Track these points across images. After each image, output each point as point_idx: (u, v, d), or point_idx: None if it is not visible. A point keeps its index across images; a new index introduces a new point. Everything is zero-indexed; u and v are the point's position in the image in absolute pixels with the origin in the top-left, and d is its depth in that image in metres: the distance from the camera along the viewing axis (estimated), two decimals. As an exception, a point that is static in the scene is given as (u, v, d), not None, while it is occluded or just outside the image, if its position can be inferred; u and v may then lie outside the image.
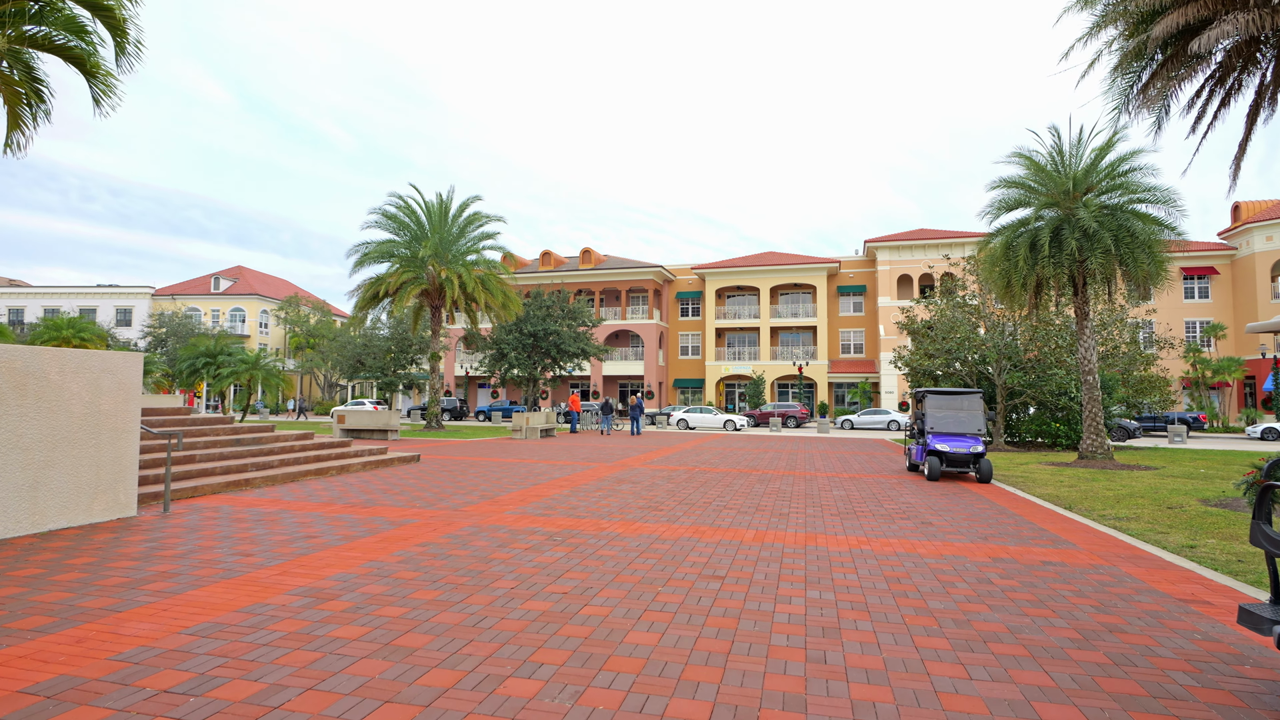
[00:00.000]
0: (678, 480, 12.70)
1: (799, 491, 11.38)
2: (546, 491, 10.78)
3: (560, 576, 5.63)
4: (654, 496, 10.45)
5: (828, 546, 7.03)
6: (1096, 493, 11.70)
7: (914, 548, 7.06)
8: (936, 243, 50.48)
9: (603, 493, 10.76)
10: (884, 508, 9.75)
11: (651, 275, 55.12)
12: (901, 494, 11.27)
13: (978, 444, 13.32)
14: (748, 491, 11.25)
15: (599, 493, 10.75)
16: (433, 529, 7.52)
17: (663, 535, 7.45)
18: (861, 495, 11.04)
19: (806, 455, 19.42)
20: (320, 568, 5.76)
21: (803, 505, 9.85)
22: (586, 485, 11.68)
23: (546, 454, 18.30)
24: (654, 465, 15.62)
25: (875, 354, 52.69)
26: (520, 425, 25.83)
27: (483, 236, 29.74)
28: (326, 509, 8.72)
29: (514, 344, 35.84)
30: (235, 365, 24.52)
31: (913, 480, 13.36)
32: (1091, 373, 16.51)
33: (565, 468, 14.65)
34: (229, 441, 11.70)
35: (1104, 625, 4.65)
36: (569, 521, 8.14)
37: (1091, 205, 15.37)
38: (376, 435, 23.76)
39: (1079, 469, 15.34)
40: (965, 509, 9.77)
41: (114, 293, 74.16)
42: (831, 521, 8.53)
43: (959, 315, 23.40)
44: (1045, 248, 15.31)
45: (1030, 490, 12.09)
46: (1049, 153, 16.77)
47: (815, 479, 13.32)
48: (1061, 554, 6.88)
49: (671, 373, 58.01)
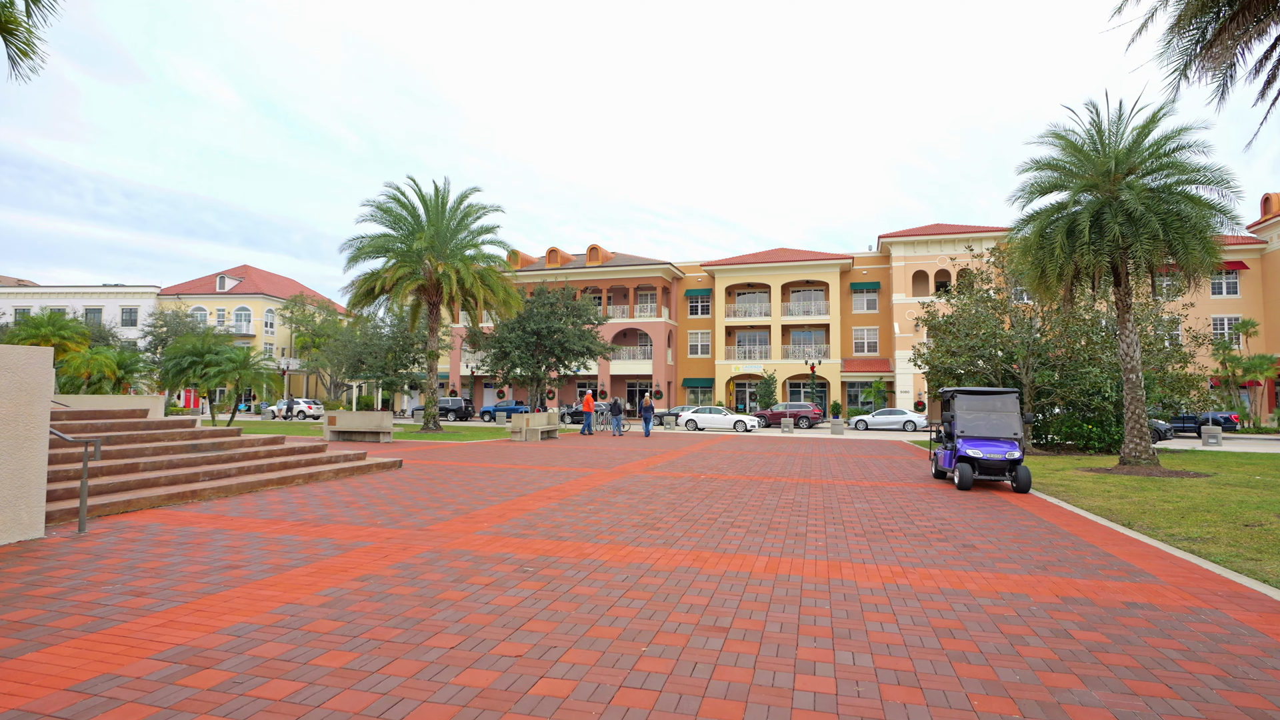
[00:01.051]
0: (681, 490, 11.47)
1: (816, 504, 10.13)
2: (531, 504, 9.58)
3: (518, 629, 4.42)
4: (652, 511, 9.23)
5: (855, 580, 5.79)
6: (1152, 505, 10.37)
7: (960, 581, 5.80)
8: (953, 238, 48.96)
9: (594, 506, 9.55)
10: (915, 525, 8.49)
11: (660, 273, 53.89)
12: (932, 507, 9.99)
13: (1014, 449, 12.02)
14: (759, 504, 10.01)
15: (590, 506, 9.54)
16: (383, 555, 6.33)
17: (657, 564, 6.23)
18: (887, 509, 9.77)
19: (822, 459, 18.14)
20: (220, 614, 4.58)
21: (821, 522, 8.60)
22: (578, 496, 10.47)
23: (542, 459, 17.12)
24: (656, 472, 14.40)
25: (890, 352, 51.22)
26: (520, 427, 24.67)
27: (482, 230, 28.59)
28: (271, 527, 7.55)
29: (516, 342, 34.70)
30: (223, 365, 23.48)
31: (941, 489, 12.07)
32: (1135, 370, 15.12)
33: (559, 475, 13.45)
34: (184, 448, 10.58)
35: (1245, 712, 3.39)
36: (547, 545, 6.93)
37: (1136, 187, 14.00)
38: (369, 438, 22.68)
39: (1123, 476, 13.98)
40: (1009, 526, 8.49)
41: (119, 292, 73.95)
42: (857, 543, 7.28)
43: (983, 310, 22.02)
44: (1085, 233, 13.93)
45: (1076, 502, 10.78)
46: (1086, 131, 15.38)
47: (833, 488, 12.06)
48: (1143, 591, 5.61)
49: (680, 372, 56.74)
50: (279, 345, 73.50)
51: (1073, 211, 15.01)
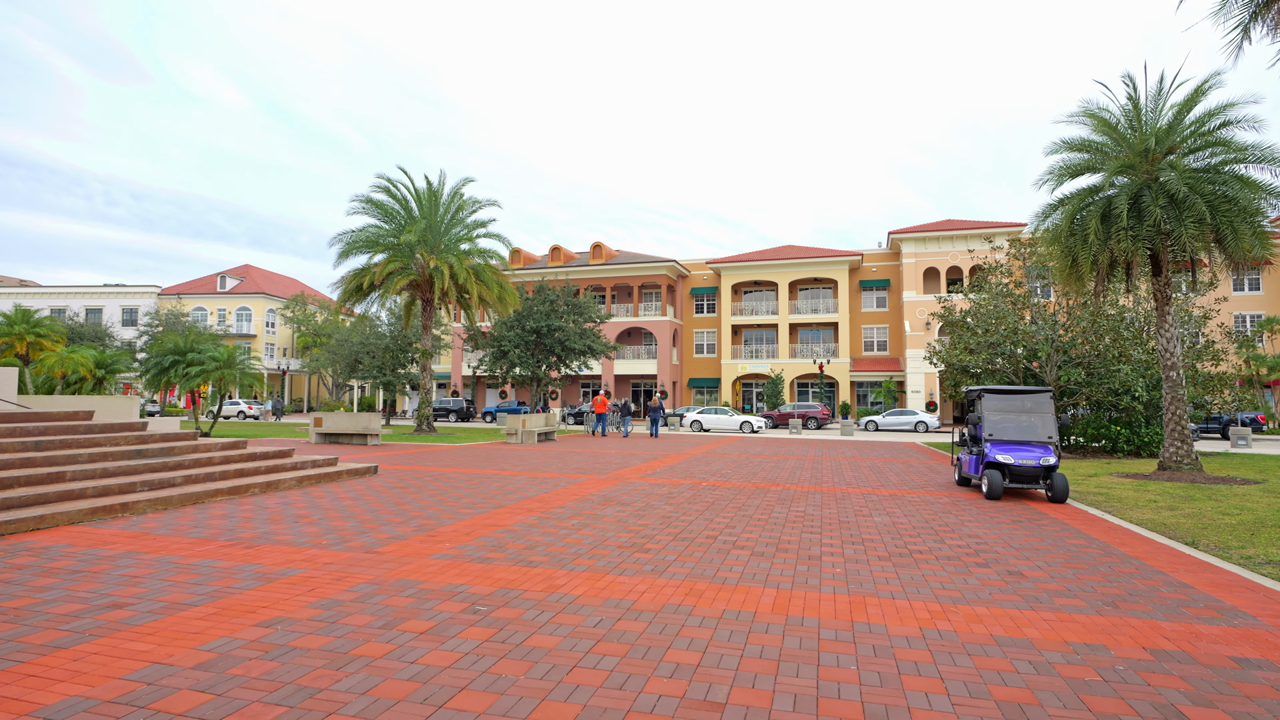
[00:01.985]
0: (679, 500, 10.34)
1: (830, 517, 8.98)
2: (507, 519, 8.47)
3: (443, 705, 3.31)
4: (643, 526, 8.10)
5: (886, 623, 4.65)
6: (1210, 519, 9.18)
7: (1017, 624, 4.66)
8: (965, 233, 47.66)
9: (579, 520, 8.43)
10: (946, 545, 7.34)
11: (665, 270, 52.76)
12: (962, 520, 8.84)
13: (1048, 455, 10.84)
14: (765, 518, 8.88)
15: (574, 520, 8.43)
16: (309, 589, 5.24)
17: (641, 600, 5.12)
18: (911, 523, 8.62)
19: (833, 464, 16.97)
20: (49, 684, 3.48)
21: (838, 540, 7.46)
22: (563, 508, 9.36)
23: (534, 463, 16.03)
24: (654, 478, 13.28)
25: (900, 351, 49.95)
26: (515, 429, 23.58)
27: (477, 224, 27.53)
28: (195, 549, 6.47)
29: (515, 341, 33.59)
30: (205, 364, 22.47)
31: (968, 499, 10.90)
32: (1175, 368, 13.90)
33: (548, 481, 12.35)
34: (127, 454, 9.53)
35: None
36: (512, 573, 5.82)
37: (1179, 166, 12.79)
38: (356, 440, 21.65)
39: (1164, 483, 12.78)
40: (1055, 546, 7.33)
41: (120, 292, 73.54)
42: (882, 569, 6.15)
43: (1002, 305, 20.80)
44: (1123, 218, 12.70)
45: (1122, 514, 9.59)
46: (1123, 108, 14.16)
47: (848, 497, 10.91)
48: (1249, 639, 4.45)
49: (686, 372, 55.60)
50: (280, 345, 72.82)
51: (1108, 195, 13.79)
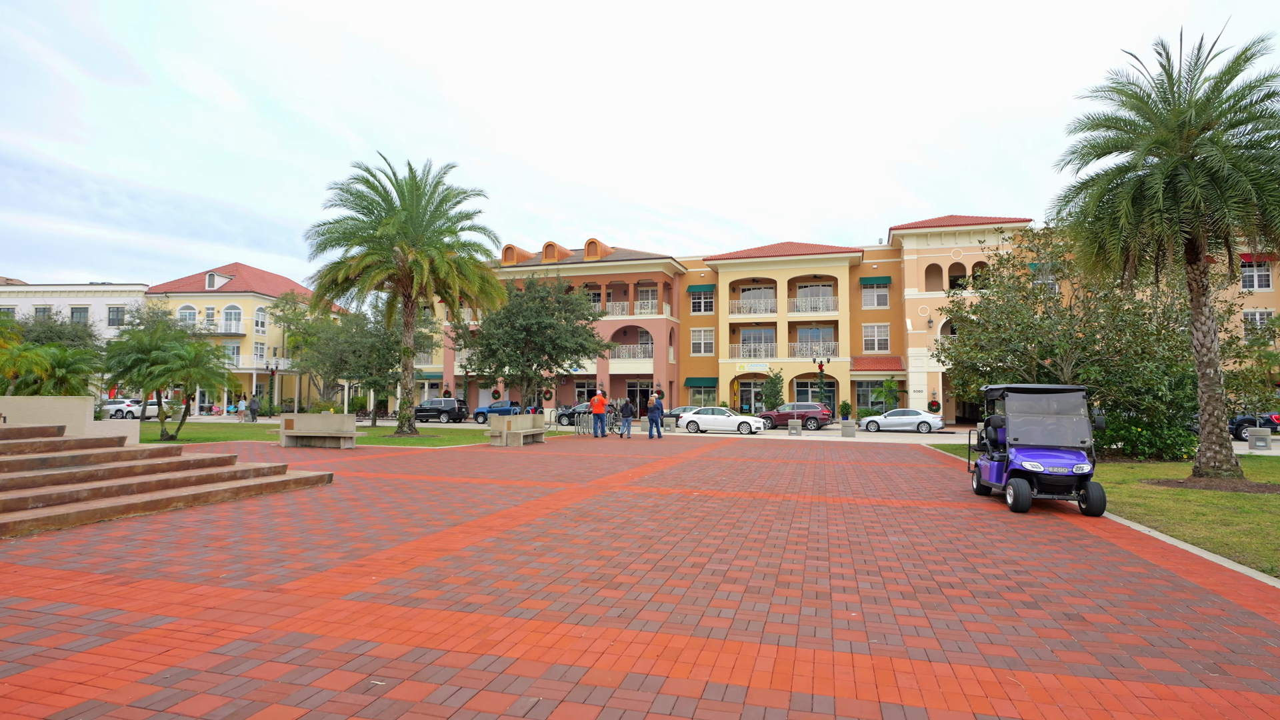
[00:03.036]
0: (665, 514, 9.10)
1: (838, 536, 7.74)
2: (460, 539, 7.22)
3: None
4: (618, 551, 6.86)
5: (925, 705, 3.41)
6: (1275, 536, 7.94)
7: (1105, 709, 3.42)
8: (968, 229, 46.47)
9: (544, 542, 7.18)
10: (980, 574, 6.11)
11: (661, 267, 51.52)
12: (990, 540, 7.60)
13: (1082, 461, 9.61)
14: (763, 537, 7.64)
15: (539, 542, 7.18)
16: (161, 649, 3.98)
17: (596, 666, 3.87)
18: (933, 543, 7.38)
19: (836, 469, 15.74)
20: None
21: (850, 569, 6.22)
22: (528, 526, 8.11)
23: (513, 469, 14.78)
24: (641, 487, 12.04)
25: (902, 350, 48.76)
26: (499, 431, 22.31)
27: (462, 216, 26.24)
28: (55, 586, 5.22)
29: (504, 339, 32.33)
30: (170, 362, 21.20)
31: (991, 511, 9.67)
32: (1212, 364, 12.68)
33: (521, 491, 11.10)
34: (28, 464, 8.28)
35: None
36: (440, 622, 4.57)
37: (1221, 141, 11.57)
38: (329, 443, 20.39)
39: (1204, 491, 11.55)
40: (1111, 575, 6.10)
41: (107, 291, 72.32)
42: (907, 612, 4.91)
43: (1014, 299, 19.58)
44: (1158, 198, 11.48)
45: (1172, 531, 8.35)
46: (1154, 81, 12.92)
47: (856, 510, 9.67)
48: None
49: (683, 371, 54.37)
50: (271, 345, 71.60)
51: (1139, 175, 12.57)
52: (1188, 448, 18.15)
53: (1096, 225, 12.91)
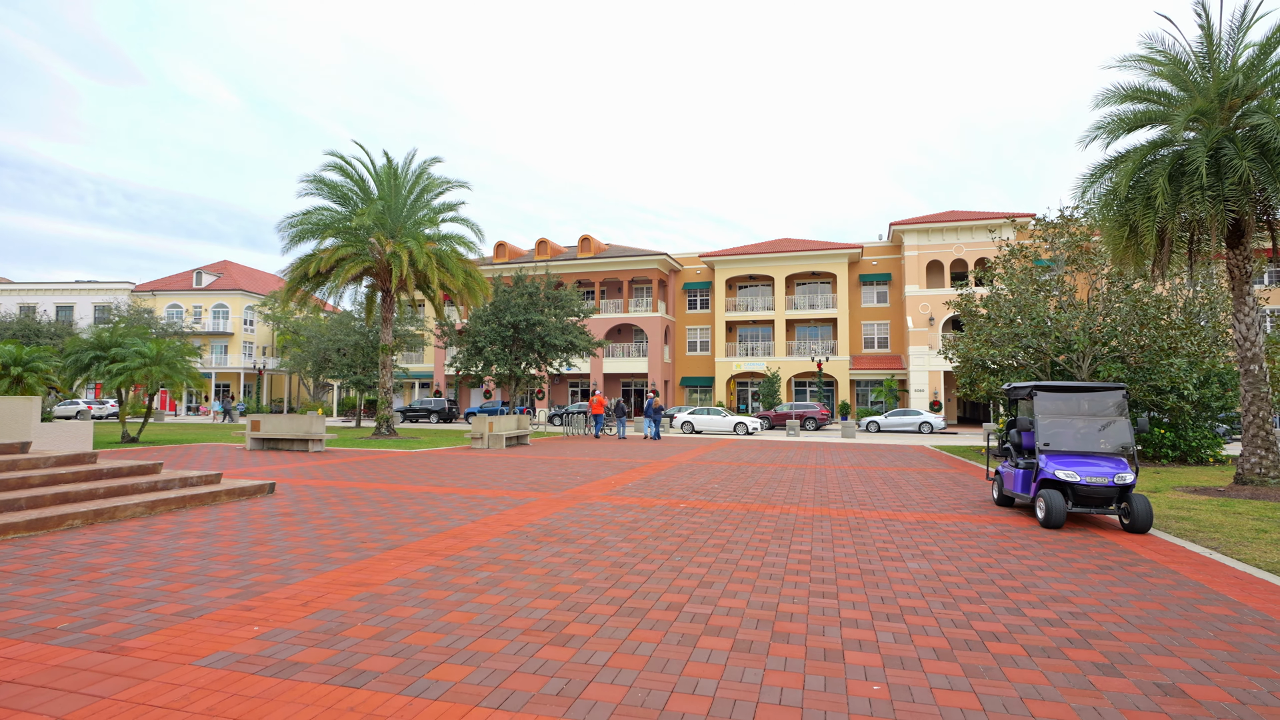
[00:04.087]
0: (645, 532, 7.86)
1: (847, 561, 6.50)
2: (390, 569, 5.96)
3: None
4: (578, 587, 5.61)
5: None
6: (1363, 560, 6.73)
7: None
8: (970, 224, 45.27)
9: (490, 574, 5.93)
10: (1027, 616, 4.88)
11: (656, 264, 50.25)
12: (1029, 566, 6.36)
13: (1124, 470, 8.40)
14: (757, 564, 6.40)
15: (484, 573, 5.93)
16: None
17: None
18: (961, 571, 6.15)
19: (838, 473, 14.51)
20: None
21: (865, 610, 4.97)
22: (479, 550, 6.85)
23: (487, 475, 13.53)
24: (623, 496, 10.79)
25: (902, 348, 47.58)
26: (480, 432, 21.06)
27: (445, 208, 24.95)
28: None
29: (491, 336, 31.03)
30: (129, 360, 19.92)
31: (1020, 527, 8.43)
32: (1257, 360, 11.46)
33: (486, 503, 9.85)
34: (-107, 474, 7.01)
35: None
36: (309, 703, 3.32)
37: (1274, 109, 10.34)
38: (297, 446, 19.12)
39: (1252, 501, 10.33)
40: (1190, 617, 4.87)
41: (92, 289, 70.97)
42: (947, 684, 3.67)
43: (1028, 291, 18.35)
44: (1201, 174, 10.26)
45: (1236, 553, 7.11)
46: (1192, 47, 11.69)
47: (865, 525, 8.44)
48: None
49: (679, 370, 53.13)
50: (260, 344, 70.33)
51: (1177, 150, 11.33)
52: (1213, 450, 16.97)
53: (1128, 206, 11.68)
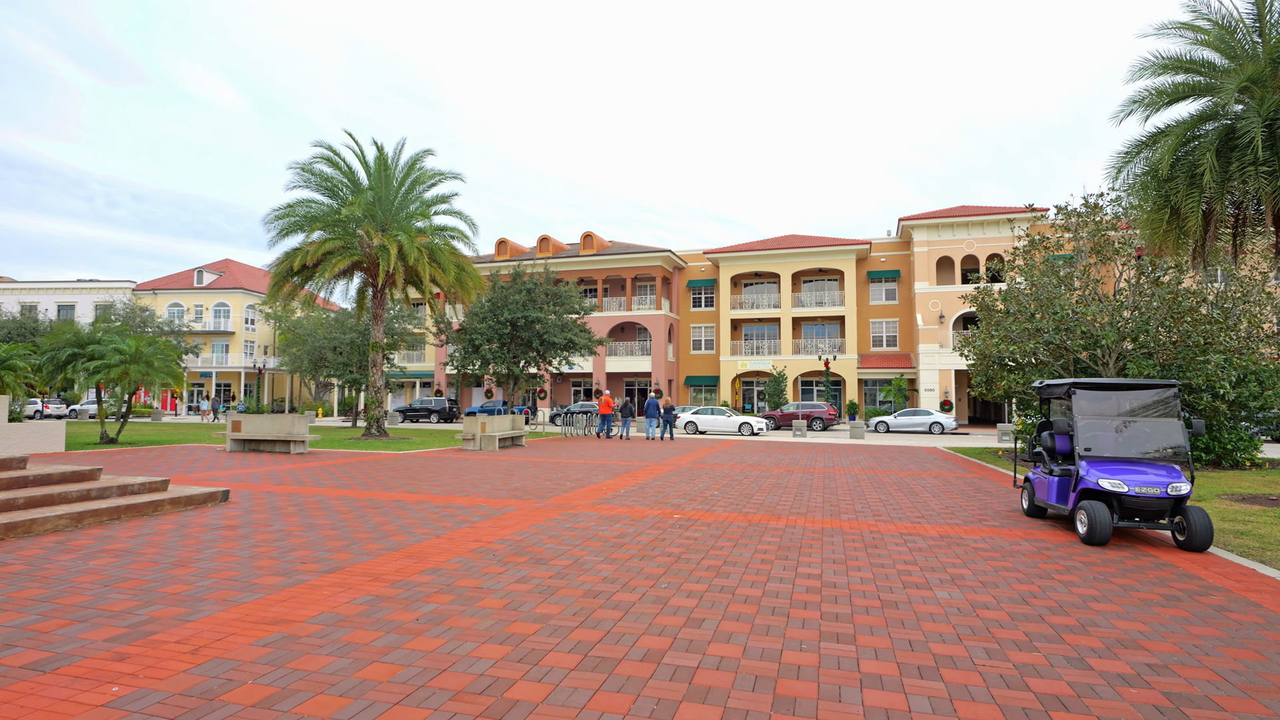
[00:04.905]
0: (629, 550, 6.88)
1: (865, 590, 5.50)
2: (320, 599, 4.99)
3: None
4: (538, 626, 4.63)
5: None
6: None
7: None
8: (981, 219, 44.10)
9: (439, 605, 4.95)
10: (1093, 669, 3.86)
11: (660, 262, 49.25)
12: (1079, 594, 5.35)
13: (1178, 479, 7.36)
14: (757, 594, 5.41)
15: (430, 605, 4.95)
16: None
17: None
18: (1000, 602, 5.14)
19: (849, 478, 13.49)
20: None
21: (890, 661, 3.97)
22: (434, 573, 5.88)
23: (470, 479, 12.57)
24: (612, 505, 9.81)
25: (911, 347, 46.44)
26: (472, 434, 20.12)
27: (437, 200, 24.05)
28: None
29: (488, 334, 30.08)
30: (107, 357, 19.08)
31: (1057, 543, 7.40)
32: (1313, 355, 10.47)
33: (459, 513, 8.88)
34: None
35: None
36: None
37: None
38: (279, 447, 18.23)
39: (1313, 512, 9.28)
40: (1305, 676, 3.86)
41: (94, 288, 70.61)
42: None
43: (1050, 283, 17.26)
44: (1256, 148, 9.22)
45: (1320, 578, 6.09)
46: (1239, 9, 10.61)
47: (882, 542, 7.43)
48: None
49: (683, 369, 52.12)
50: (261, 343, 69.79)
51: (1226, 123, 10.28)
52: (1249, 453, 15.88)
53: (1169, 186, 10.62)
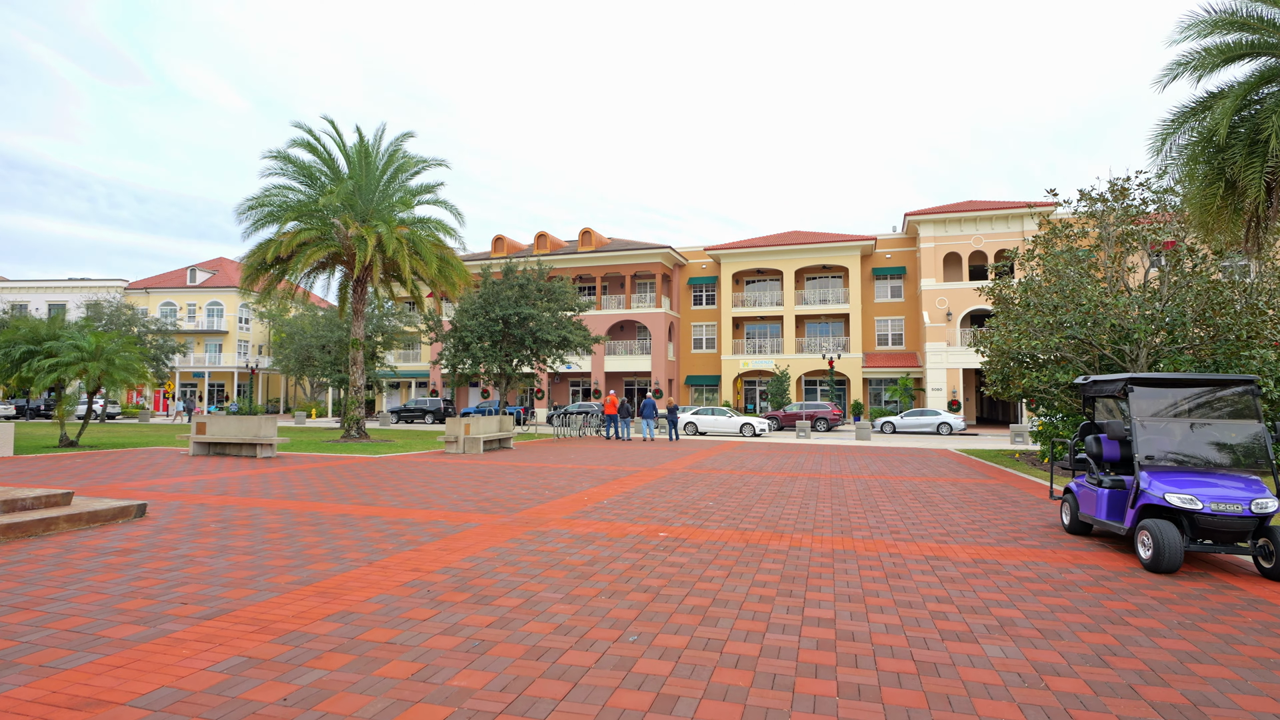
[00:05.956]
0: (600, 581, 5.65)
1: (891, 643, 4.27)
2: (167, 665, 3.76)
3: None
4: (451, 711, 3.42)
5: None
6: None
7: None
8: (989, 214, 42.81)
9: (336, 667, 3.73)
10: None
11: (660, 258, 48.04)
12: (1169, 647, 4.12)
13: (1262, 493, 6.11)
14: (752, 655, 4.17)
15: (326, 666, 3.73)
16: None
17: None
18: (1071, 663, 3.90)
19: (858, 485, 12.25)
20: None
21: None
22: (344, 619, 4.64)
23: (439, 488, 11.35)
24: (590, 521, 8.58)
25: (918, 345, 45.18)
26: (455, 436, 18.93)
27: (422, 189, 22.84)
28: None
29: (479, 331, 28.88)
30: (64, 354, 17.91)
31: (1116, 570, 6.16)
32: (1391, 347, 9.21)
33: (409, 531, 7.67)
34: None
35: None
36: None
37: None
38: (245, 451, 17.05)
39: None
40: None
41: (85, 286, 69.62)
42: None
43: (1072, 273, 16.02)
44: (1330, 109, 8.01)
45: None
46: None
47: (904, 568, 6.20)
48: None
49: (683, 368, 50.89)
50: (255, 343, 68.71)
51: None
52: (1295, 458, 14.60)
53: (1224, 156, 9.38)
